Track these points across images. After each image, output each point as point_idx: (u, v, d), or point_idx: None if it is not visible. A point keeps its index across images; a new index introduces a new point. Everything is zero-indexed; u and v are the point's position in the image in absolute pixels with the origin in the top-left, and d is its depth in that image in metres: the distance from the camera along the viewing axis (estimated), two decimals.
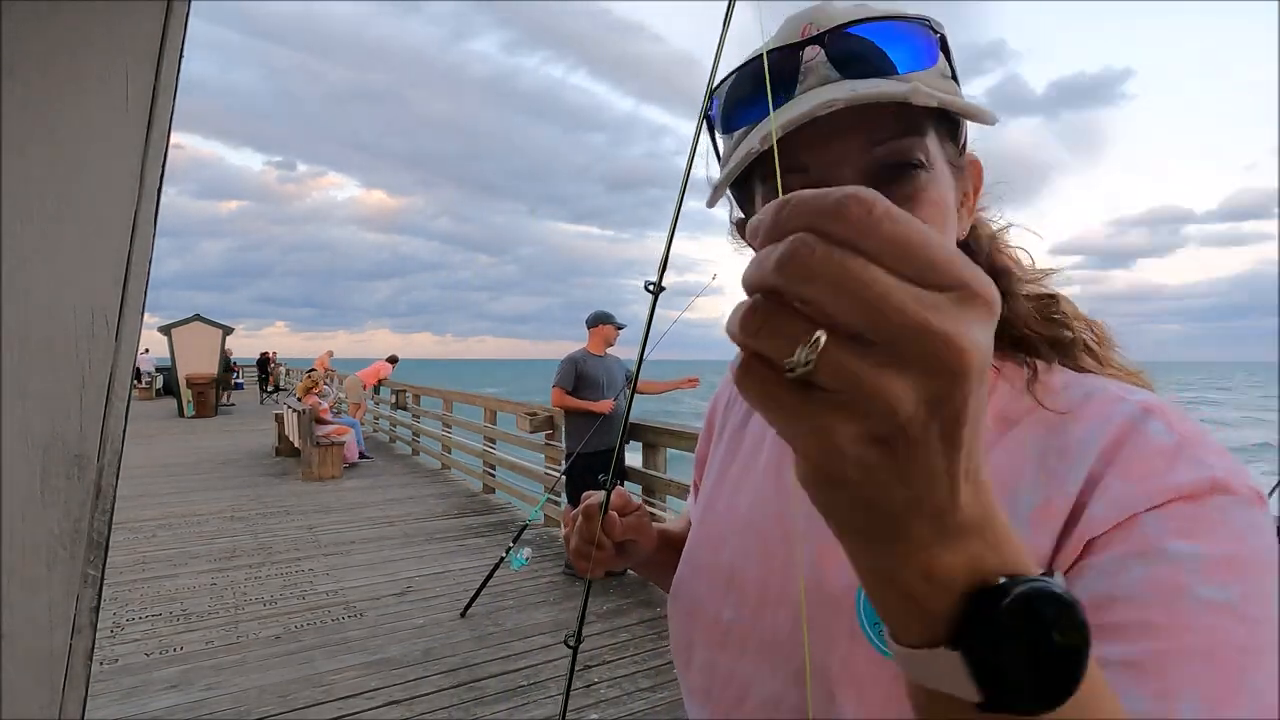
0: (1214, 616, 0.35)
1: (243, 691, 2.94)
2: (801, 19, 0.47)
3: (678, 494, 4.40)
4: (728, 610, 0.56)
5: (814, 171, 0.45)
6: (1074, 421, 0.44)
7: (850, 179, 0.44)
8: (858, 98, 0.40)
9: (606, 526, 0.66)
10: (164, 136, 0.54)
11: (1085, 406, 0.45)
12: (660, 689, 2.99)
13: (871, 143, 0.44)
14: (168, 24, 0.54)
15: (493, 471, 7.19)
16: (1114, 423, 0.42)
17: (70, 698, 0.52)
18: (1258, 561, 0.36)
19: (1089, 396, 0.46)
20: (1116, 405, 0.44)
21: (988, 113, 0.44)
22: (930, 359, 0.21)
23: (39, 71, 0.50)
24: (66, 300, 0.51)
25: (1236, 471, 0.39)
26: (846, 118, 0.43)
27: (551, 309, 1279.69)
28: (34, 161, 0.50)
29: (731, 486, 0.62)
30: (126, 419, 0.54)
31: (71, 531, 0.52)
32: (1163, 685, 0.34)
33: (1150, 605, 0.36)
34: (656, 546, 0.72)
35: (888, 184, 0.44)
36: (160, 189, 0.55)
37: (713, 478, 0.66)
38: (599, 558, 0.66)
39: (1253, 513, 0.38)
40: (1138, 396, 0.44)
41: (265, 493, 7.02)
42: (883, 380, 0.21)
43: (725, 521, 0.60)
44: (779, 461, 0.59)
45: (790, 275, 0.22)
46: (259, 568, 4.61)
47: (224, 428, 13.01)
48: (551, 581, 4.35)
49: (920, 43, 0.45)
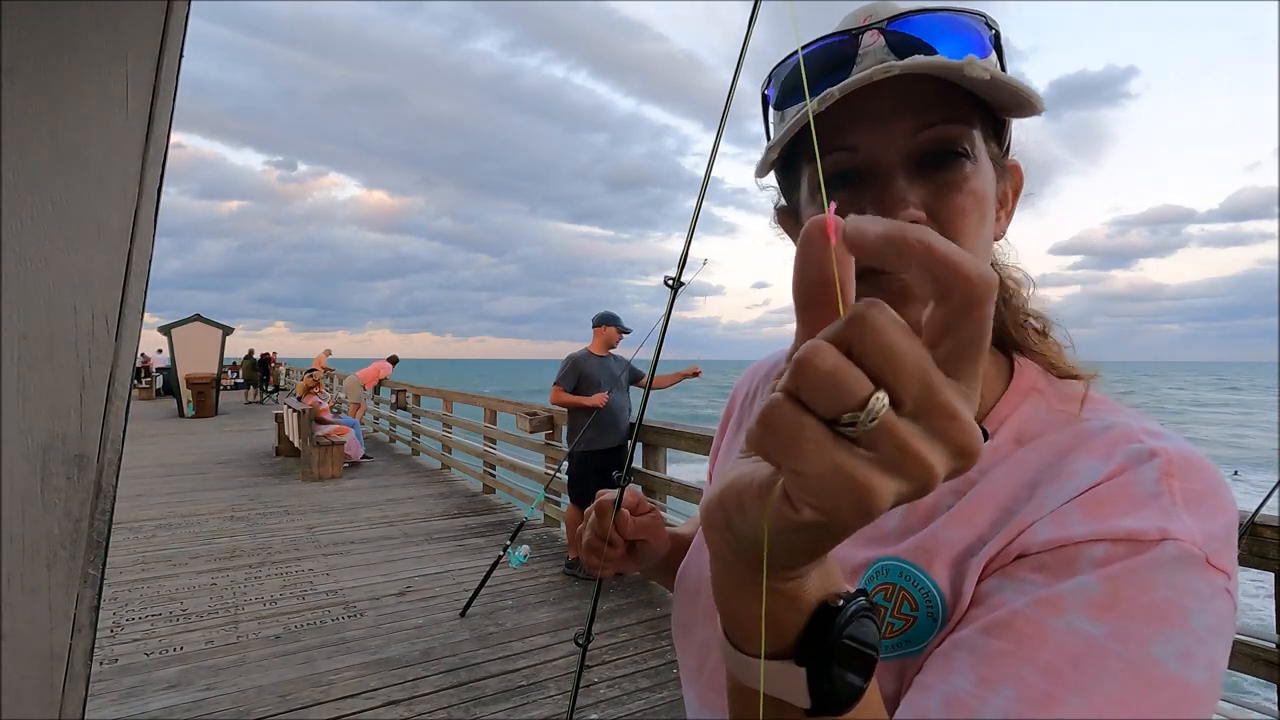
0: (1071, 640, 0.35)
1: (242, 691, 2.93)
2: (862, 12, 0.49)
3: (678, 494, 4.40)
4: None
5: (862, 151, 0.45)
6: (1083, 453, 0.43)
7: (895, 161, 0.45)
8: (913, 66, 0.41)
9: (619, 524, 0.66)
10: (164, 136, 0.54)
11: (1097, 438, 0.44)
12: (660, 689, 2.99)
13: (919, 126, 0.44)
14: (168, 24, 0.54)
15: (493, 471, 7.19)
16: (1113, 462, 0.41)
17: (70, 698, 0.52)
18: (1153, 613, 0.35)
19: (1107, 429, 0.44)
20: (1127, 445, 0.42)
21: (1037, 97, 0.44)
22: (961, 442, 0.24)
23: (39, 71, 0.50)
24: (66, 300, 0.51)
25: (1206, 537, 0.38)
26: (896, 100, 0.44)
27: (552, 309, 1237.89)
28: (34, 161, 0.50)
29: None
30: (126, 419, 0.54)
31: (71, 531, 0.52)
32: (990, 674, 0.36)
33: (1022, 614, 0.37)
34: (669, 548, 0.72)
35: (933, 169, 0.45)
36: (160, 189, 0.55)
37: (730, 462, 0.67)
38: (611, 556, 0.66)
39: (1188, 575, 0.36)
40: (1159, 443, 0.42)
41: (265, 493, 7.02)
42: (929, 453, 0.23)
43: None
44: None
45: (868, 329, 0.23)
46: (259, 568, 4.61)
47: (224, 428, 13.00)
48: (551, 581, 4.35)
49: (974, 36, 0.46)
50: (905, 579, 0.45)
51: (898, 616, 0.44)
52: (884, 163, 0.45)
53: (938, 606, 0.43)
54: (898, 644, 0.44)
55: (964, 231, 0.45)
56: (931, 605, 0.43)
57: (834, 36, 0.48)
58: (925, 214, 0.44)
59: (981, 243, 0.46)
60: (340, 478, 7.78)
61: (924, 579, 0.44)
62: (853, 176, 0.46)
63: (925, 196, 0.44)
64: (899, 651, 0.44)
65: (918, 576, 0.45)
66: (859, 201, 0.46)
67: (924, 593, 0.44)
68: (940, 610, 0.43)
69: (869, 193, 0.45)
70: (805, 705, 0.30)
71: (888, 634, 0.44)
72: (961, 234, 0.45)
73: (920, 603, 0.44)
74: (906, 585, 0.45)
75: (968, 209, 0.45)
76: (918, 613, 0.44)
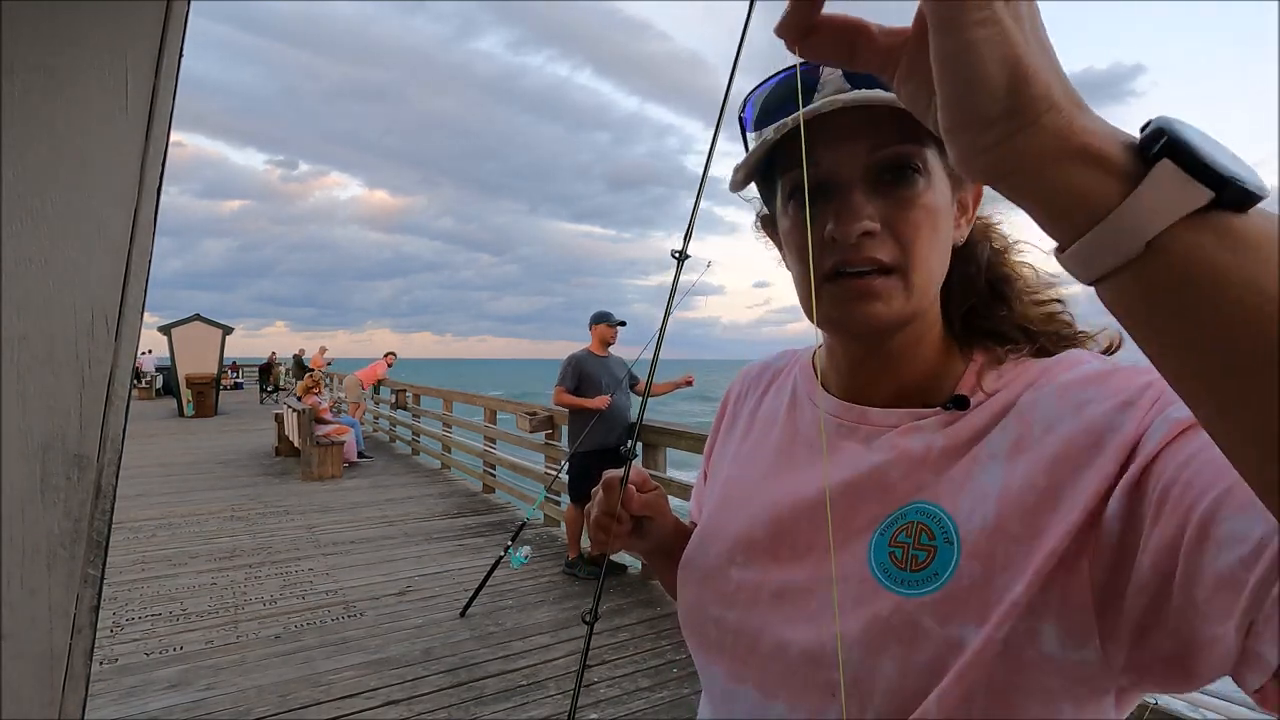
0: None
1: (242, 691, 2.93)
2: None
3: (678, 494, 4.40)
4: (736, 571, 0.60)
5: (824, 166, 0.51)
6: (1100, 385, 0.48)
7: (854, 177, 0.51)
8: (855, 99, 0.48)
9: (625, 499, 0.66)
10: (164, 136, 0.54)
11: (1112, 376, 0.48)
12: (660, 689, 2.99)
13: (874, 146, 0.50)
14: (168, 23, 0.54)
15: (493, 471, 7.19)
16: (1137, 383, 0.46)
17: (70, 698, 0.52)
18: None
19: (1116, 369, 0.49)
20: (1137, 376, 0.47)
21: None
22: None
23: (39, 71, 0.50)
24: (66, 300, 0.51)
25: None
26: (855, 123, 0.50)
27: (552, 309, 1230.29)
28: (34, 161, 0.50)
29: (742, 461, 0.67)
30: (126, 419, 0.54)
31: (71, 531, 0.52)
32: None
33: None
34: (673, 529, 0.73)
35: (889, 185, 0.51)
36: (160, 189, 0.55)
37: (726, 458, 0.71)
38: (618, 531, 0.67)
39: None
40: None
41: (265, 492, 7.02)
42: None
43: (737, 491, 0.65)
44: (790, 445, 0.63)
45: None
46: (259, 567, 4.61)
47: (224, 428, 13.00)
48: (551, 581, 4.35)
49: None
50: (920, 514, 0.51)
51: (920, 548, 0.49)
52: (844, 178, 0.51)
53: (951, 531, 0.48)
54: (928, 576, 0.48)
55: (917, 242, 0.51)
56: (945, 531, 0.49)
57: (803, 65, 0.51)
58: (881, 225, 0.50)
59: (936, 251, 0.52)
60: (340, 477, 7.78)
61: (935, 509, 0.50)
62: (816, 194, 0.52)
63: (882, 209, 0.50)
64: (933, 586, 0.48)
65: (928, 509, 0.50)
66: (823, 212, 0.51)
67: (937, 521, 0.49)
68: (954, 534, 0.48)
69: (831, 204, 0.51)
70: (1202, 200, 0.25)
71: (913, 566, 0.49)
72: (915, 244, 0.51)
73: (936, 531, 0.49)
74: (922, 519, 0.50)
75: (920, 222, 0.51)
76: (935, 541, 0.49)
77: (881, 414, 0.57)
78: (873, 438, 0.56)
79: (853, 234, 0.49)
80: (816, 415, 0.62)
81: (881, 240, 0.50)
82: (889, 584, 0.50)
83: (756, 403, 0.71)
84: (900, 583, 0.49)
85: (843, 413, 0.59)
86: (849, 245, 0.50)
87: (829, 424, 0.60)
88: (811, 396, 0.64)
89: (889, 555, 0.51)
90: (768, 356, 0.76)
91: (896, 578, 0.49)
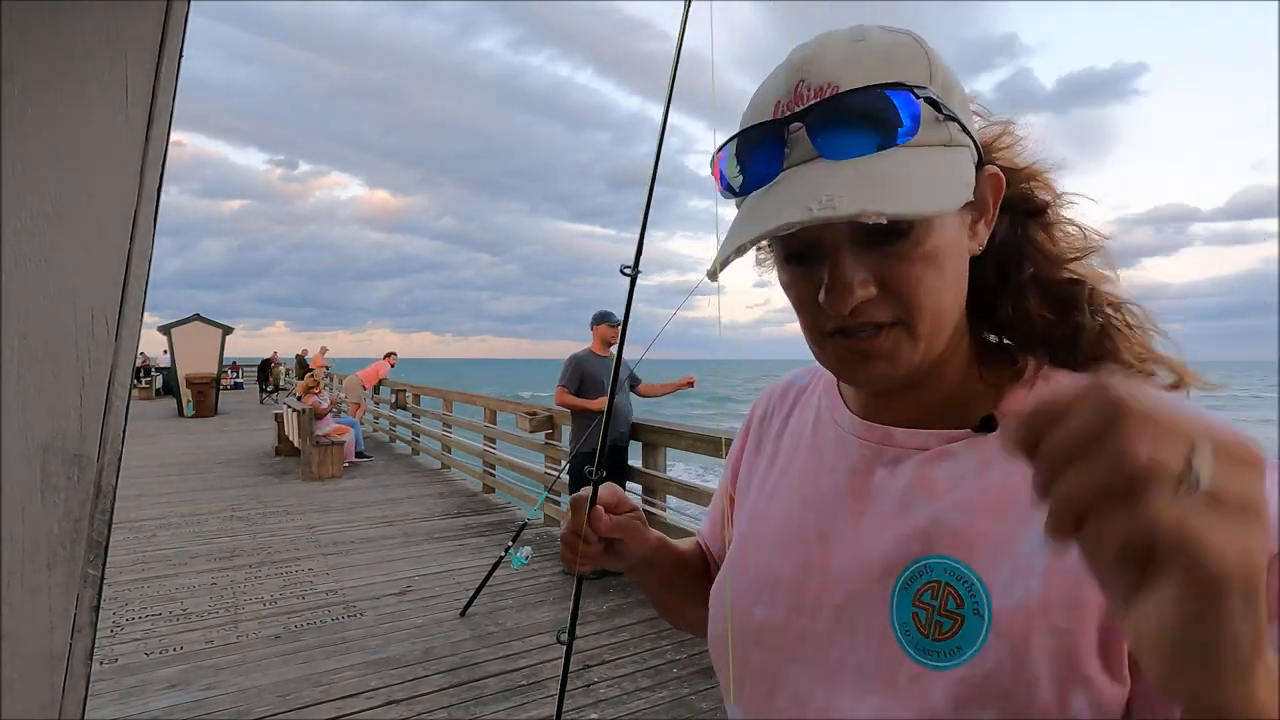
0: None
1: (242, 691, 2.93)
2: (796, 70, 0.47)
3: (678, 494, 4.40)
4: (760, 609, 0.57)
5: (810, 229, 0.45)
6: None
7: (841, 240, 0.46)
8: (813, 220, 0.41)
9: (593, 521, 0.66)
10: (164, 136, 0.54)
11: None
12: (660, 689, 2.99)
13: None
14: (168, 23, 0.54)
15: (493, 471, 7.19)
16: None
17: (70, 698, 0.52)
18: None
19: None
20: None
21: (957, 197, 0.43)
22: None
23: (39, 71, 0.50)
24: (66, 300, 0.51)
25: None
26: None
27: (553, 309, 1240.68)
28: (34, 161, 0.50)
29: (769, 493, 0.64)
30: (126, 419, 0.54)
31: (71, 531, 0.52)
32: None
33: None
34: (654, 549, 0.72)
35: (880, 244, 0.45)
36: (160, 189, 0.55)
37: (753, 486, 0.67)
38: (585, 552, 0.67)
39: None
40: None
41: (265, 492, 7.02)
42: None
43: (762, 526, 0.62)
44: (816, 471, 0.60)
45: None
46: (259, 567, 4.61)
47: (223, 427, 13.00)
48: (551, 581, 4.35)
49: (900, 112, 0.44)
50: (950, 575, 0.46)
51: (945, 615, 0.45)
52: (828, 242, 0.46)
53: (983, 603, 0.43)
54: (950, 649, 0.44)
55: (919, 293, 0.46)
56: (976, 600, 0.44)
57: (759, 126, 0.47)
58: (876, 285, 0.45)
59: (945, 292, 0.47)
60: (340, 477, 7.78)
61: (968, 573, 0.45)
62: (804, 254, 0.48)
63: (875, 266, 0.45)
64: (953, 661, 0.44)
65: (962, 571, 0.45)
66: (814, 276, 0.47)
67: (968, 587, 0.44)
68: (986, 607, 0.43)
69: (819, 268, 0.47)
70: None
71: (937, 635, 0.45)
72: (916, 296, 0.46)
73: (965, 598, 0.44)
74: (952, 581, 0.45)
75: (919, 274, 0.45)
76: (963, 609, 0.44)
77: (906, 434, 0.53)
78: (898, 460, 0.53)
79: (845, 307, 0.45)
80: (840, 437, 0.59)
81: (879, 301, 0.46)
82: (911, 650, 0.46)
83: (782, 424, 0.68)
84: (922, 651, 0.45)
85: (866, 433, 0.56)
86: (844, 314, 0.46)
87: (853, 447, 0.56)
88: (835, 416, 0.60)
89: (912, 616, 0.47)
90: (793, 373, 0.73)
91: (919, 644, 0.46)
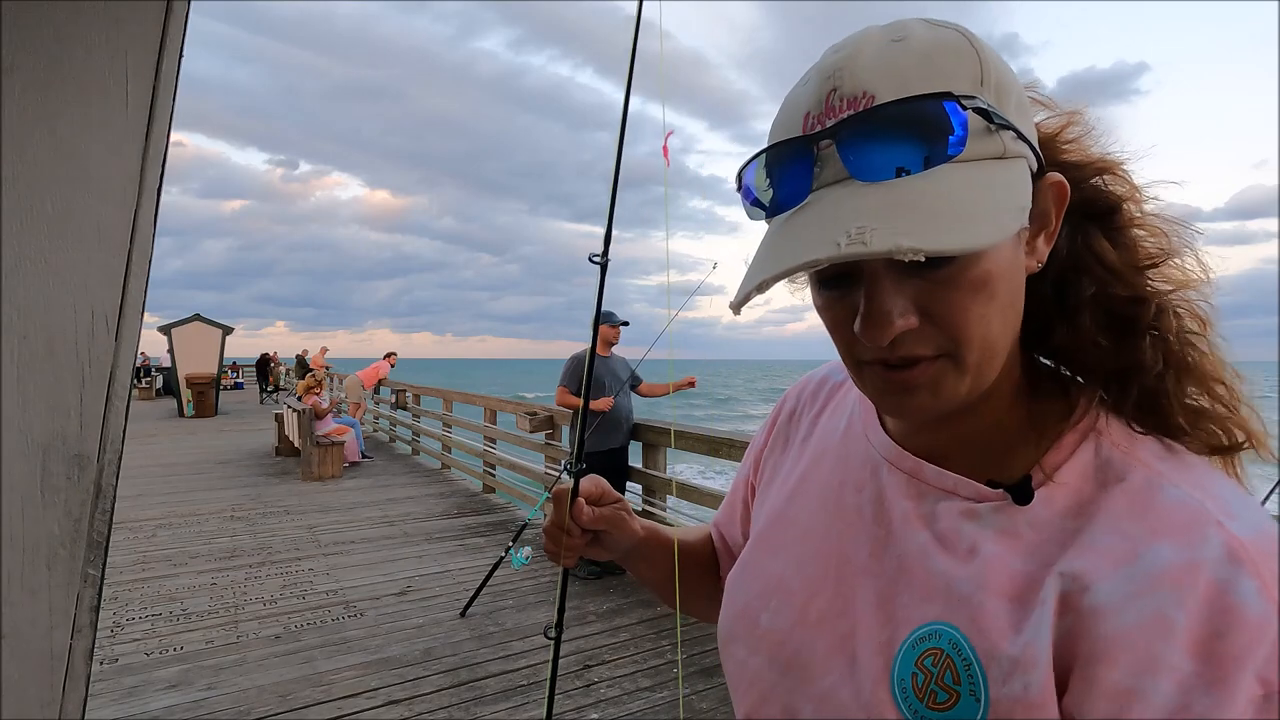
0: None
1: (243, 691, 2.93)
2: (827, 77, 0.42)
3: (677, 493, 4.40)
4: (766, 616, 0.56)
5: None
6: (1153, 540, 0.40)
7: (873, 263, 0.42)
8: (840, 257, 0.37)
9: (575, 513, 0.66)
10: (164, 136, 0.54)
11: (1164, 518, 0.40)
12: (660, 689, 2.99)
13: None
14: (168, 23, 0.54)
15: (493, 471, 7.19)
16: (1201, 580, 0.37)
17: (70, 698, 0.52)
18: None
19: (1170, 502, 0.41)
20: (1199, 540, 0.39)
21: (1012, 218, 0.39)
22: None
23: (39, 71, 0.50)
24: (66, 300, 0.51)
25: None
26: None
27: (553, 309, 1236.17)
28: (34, 161, 0.50)
29: (789, 496, 0.62)
30: (126, 419, 0.54)
31: (71, 531, 0.52)
32: None
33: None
34: (642, 539, 0.72)
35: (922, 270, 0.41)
36: (160, 189, 0.55)
37: (775, 484, 0.66)
38: (568, 543, 0.67)
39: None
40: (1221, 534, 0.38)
41: (265, 492, 7.02)
42: None
43: (780, 531, 0.61)
44: (840, 485, 0.57)
45: None
46: (259, 567, 4.61)
47: (224, 428, 13.01)
48: (551, 581, 4.35)
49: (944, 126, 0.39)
50: (955, 649, 0.44)
51: (941, 687, 0.43)
52: (865, 267, 0.42)
53: (980, 686, 0.42)
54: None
55: (967, 323, 0.41)
56: (974, 682, 0.42)
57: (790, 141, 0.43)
58: (918, 315, 0.41)
59: (996, 318, 0.42)
60: (340, 477, 7.78)
61: (969, 652, 0.43)
62: (839, 279, 0.44)
63: (917, 294, 0.41)
64: None
65: (964, 649, 0.43)
66: (849, 301, 0.43)
67: (968, 667, 0.43)
68: (983, 691, 0.42)
69: (855, 293, 0.43)
70: None
71: (931, 704, 0.43)
72: (964, 327, 0.41)
73: (963, 677, 0.43)
74: (954, 656, 0.43)
75: (967, 302, 0.41)
76: (960, 687, 0.42)
77: (935, 475, 0.49)
78: (923, 496, 0.50)
79: (884, 339, 0.41)
80: (870, 454, 0.56)
81: (921, 332, 0.41)
82: (905, 710, 0.45)
83: (811, 423, 0.66)
84: (915, 714, 0.44)
85: (897, 460, 0.53)
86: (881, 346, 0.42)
87: (881, 471, 0.54)
88: (868, 431, 0.57)
89: (911, 676, 0.45)
90: (828, 366, 0.68)
91: (913, 706, 0.44)
